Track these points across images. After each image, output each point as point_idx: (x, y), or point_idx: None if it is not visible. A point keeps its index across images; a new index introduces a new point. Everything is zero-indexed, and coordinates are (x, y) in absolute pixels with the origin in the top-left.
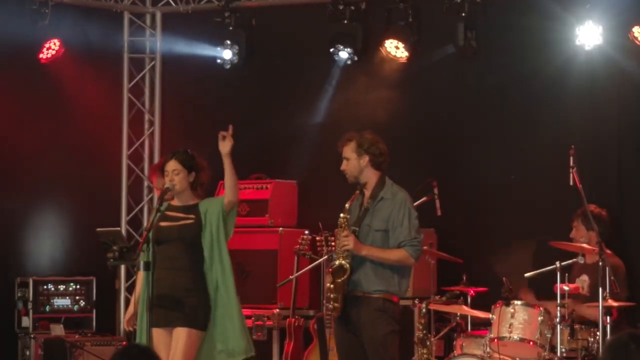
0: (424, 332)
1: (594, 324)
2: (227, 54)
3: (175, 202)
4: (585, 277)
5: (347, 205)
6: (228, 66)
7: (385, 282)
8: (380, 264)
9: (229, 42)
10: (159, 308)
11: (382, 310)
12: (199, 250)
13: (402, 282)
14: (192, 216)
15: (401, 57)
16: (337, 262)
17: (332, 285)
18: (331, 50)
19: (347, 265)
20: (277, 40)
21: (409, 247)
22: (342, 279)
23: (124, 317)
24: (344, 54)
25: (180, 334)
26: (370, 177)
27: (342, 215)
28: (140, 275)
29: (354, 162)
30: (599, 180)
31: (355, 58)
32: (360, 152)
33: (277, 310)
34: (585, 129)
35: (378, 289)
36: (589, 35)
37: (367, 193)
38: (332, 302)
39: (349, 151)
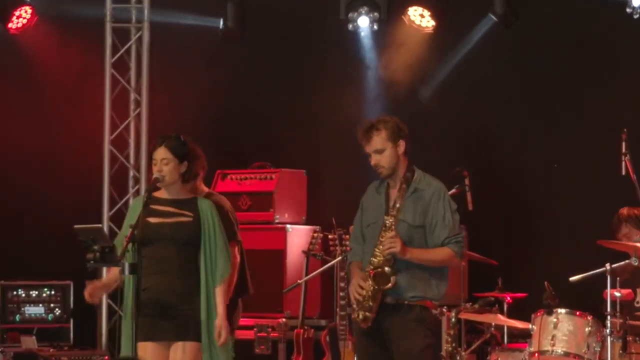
0: (454, 345)
1: None
2: (224, 24)
3: (163, 195)
4: None
5: (397, 205)
6: (221, 35)
7: (422, 286)
8: (418, 265)
9: (228, 7)
10: (145, 318)
11: (418, 320)
12: (193, 251)
13: (441, 284)
14: (190, 213)
15: (426, 27)
16: (382, 268)
17: (370, 292)
18: (348, 15)
19: (393, 277)
20: (282, 10)
21: (454, 244)
22: (386, 287)
23: (105, 328)
24: (363, 21)
25: (178, 351)
26: (402, 166)
27: (389, 214)
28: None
29: (390, 152)
30: None
31: (375, 27)
32: (395, 138)
33: (284, 319)
34: (638, 109)
35: (415, 295)
36: None
37: (396, 184)
38: (363, 311)
39: (381, 142)
